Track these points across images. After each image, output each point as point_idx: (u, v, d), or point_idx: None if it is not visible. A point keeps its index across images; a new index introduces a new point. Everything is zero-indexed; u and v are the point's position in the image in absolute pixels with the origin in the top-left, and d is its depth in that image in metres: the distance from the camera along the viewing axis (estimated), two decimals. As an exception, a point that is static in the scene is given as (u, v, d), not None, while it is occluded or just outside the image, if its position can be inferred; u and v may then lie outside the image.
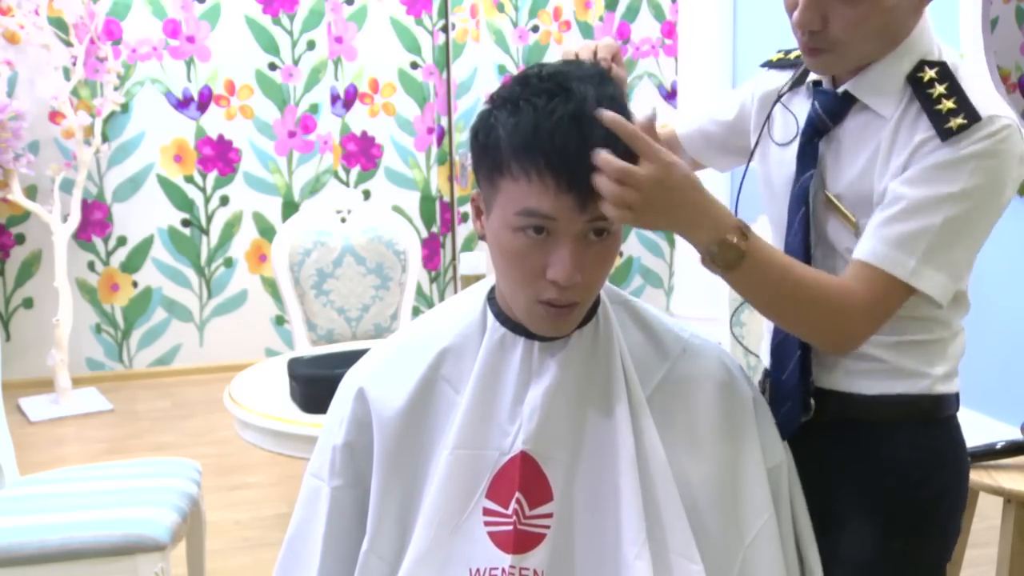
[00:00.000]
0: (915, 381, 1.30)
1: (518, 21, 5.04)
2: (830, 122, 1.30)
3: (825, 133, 1.31)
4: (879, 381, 1.30)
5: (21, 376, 4.48)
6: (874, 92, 1.26)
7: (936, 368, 1.31)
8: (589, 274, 1.10)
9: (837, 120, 1.30)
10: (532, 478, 1.15)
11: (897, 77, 1.25)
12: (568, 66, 1.13)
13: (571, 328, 1.17)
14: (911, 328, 1.28)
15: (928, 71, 1.23)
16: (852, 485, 1.33)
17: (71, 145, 4.37)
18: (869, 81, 1.26)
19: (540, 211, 1.06)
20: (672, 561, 1.14)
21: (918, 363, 1.30)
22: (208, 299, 4.83)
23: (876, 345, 1.28)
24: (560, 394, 1.16)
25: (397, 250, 3.25)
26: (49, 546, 2.07)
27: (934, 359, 1.31)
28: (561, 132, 1.04)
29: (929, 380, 1.30)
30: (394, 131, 4.94)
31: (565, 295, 1.10)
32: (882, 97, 1.25)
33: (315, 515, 1.25)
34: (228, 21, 4.64)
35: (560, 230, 1.08)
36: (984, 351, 3.65)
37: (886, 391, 1.30)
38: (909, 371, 1.30)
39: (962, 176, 1.18)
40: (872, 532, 1.31)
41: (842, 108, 1.29)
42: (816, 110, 1.32)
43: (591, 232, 1.09)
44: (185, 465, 2.46)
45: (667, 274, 5.46)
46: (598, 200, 1.06)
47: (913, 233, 1.19)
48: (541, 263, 1.09)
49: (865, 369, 1.31)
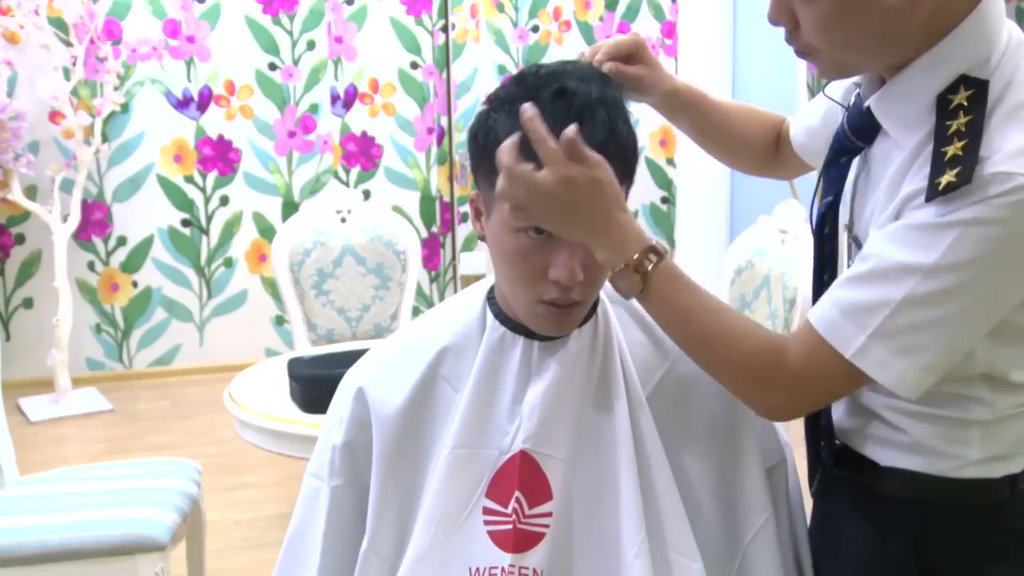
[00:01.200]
0: (936, 461, 1.08)
1: (518, 21, 5.04)
2: (858, 141, 1.09)
3: (856, 153, 1.11)
4: (895, 450, 1.11)
5: (21, 376, 4.48)
6: (895, 113, 1.03)
7: (970, 451, 1.07)
8: (591, 273, 1.10)
9: (866, 139, 1.08)
10: (531, 477, 1.15)
11: (925, 95, 0.99)
12: (565, 66, 1.13)
13: (573, 328, 1.17)
14: (939, 402, 1.06)
15: (962, 92, 0.96)
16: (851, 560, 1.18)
17: (71, 145, 4.37)
18: (891, 97, 1.03)
19: None
20: (671, 559, 1.14)
21: (945, 443, 1.07)
22: (208, 299, 4.83)
23: (898, 412, 1.09)
24: (559, 393, 1.16)
25: (397, 250, 3.25)
26: (49, 546, 2.07)
27: (969, 440, 1.07)
28: (559, 130, 1.04)
29: (956, 463, 1.07)
30: (394, 131, 4.94)
31: (567, 295, 1.10)
32: (902, 120, 1.02)
33: (315, 515, 1.25)
34: (228, 21, 4.64)
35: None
36: None
37: (899, 464, 1.10)
38: (932, 449, 1.08)
39: (939, 245, 0.93)
40: None
41: (869, 125, 1.07)
42: (843, 126, 1.11)
43: None
44: (185, 465, 2.47)
45: (667, 274, 5.45)
46: None
47: (868, 305, 0.97)
48: (542, 263, 1.09)
49: (883, 436, 1.12)
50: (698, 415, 1.21)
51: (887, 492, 1.12)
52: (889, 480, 1.12)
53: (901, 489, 1.11)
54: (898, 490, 1.11)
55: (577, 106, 1.06)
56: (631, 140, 1.10)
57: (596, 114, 1.06)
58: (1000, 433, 1.07)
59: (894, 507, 1.12)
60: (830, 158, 1.14)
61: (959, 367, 1.03)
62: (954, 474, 1.08)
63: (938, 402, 1.06)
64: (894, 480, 1.11)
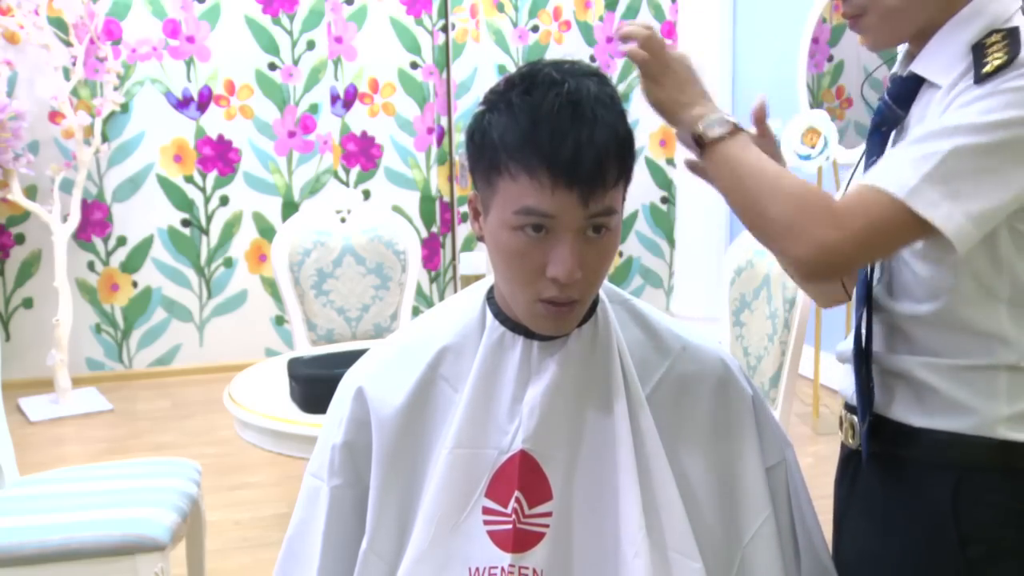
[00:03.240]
0: (966, 418, 1.12)
1: (518, 21, 5.05)
2: (898, 109, 1.18)
3: (896, 123, 1.19)
4: (927, 413, 1.15)
5: (21, 376, 4.48)
6: (935, 63, 1.14)
7: (999, 406, 1.11)
8: (590, 271, 1.10)
9: (904, 105, 1.18)
10: (531, 477, 1.15)
11: (959, 46, 1.11)
12: (561, 64, 1.13)
13: (572, 327, 1.17)
14: (968, 347, 1.12)
15: (994, 36, 1.09)
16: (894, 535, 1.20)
17: (71, 145, 4.37)
18: (930, 54, 1.15)
19: (539, 209, 1.06)
20: (671, 559, 1.14)
21: (973, 395, 1.12)
22: (208, 299, 4.83)
23: (930, 369, 1.14)
24: (559, 393, 1.16)
25: (397, 250, 3.25)
26: (49, 546, 2.07)
27: (997, 393, 1.12)
28: (556, 129, 1.04)
29: (986, 419, 1.12)
30: (394, 131, 4.94)
31: (566, 292, 1.10)
32: (941, 66, 1.13)
33: (315, 515, 1.25)
34: (228, 21, 4.64)
35: (559, 227, 1.07)
36: None
37: (933, 425, 1.15)
38: (962, 405, 1.13)
39: (989, 108, 1.03)
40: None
41: (909, 91, 1.17)
42: (884, 99, 1.20)
43: (590, 228, 1.09)
44: (185, 465, 2.46)
45: (667, 274, 5.46)
46: (598, 195, 1.06)
47: (922, 155, 1.04)
48: (541, 261, 1.09)
49: (915, 395, 1.16)
50: (698, 414, 1.21)
51: (924, 459, 1.16)
52: (923, 444, 1.15)
53: (936, 454, 1.15)
54: (933, 455, 1.15)
55: (576, 103, 1.06)
56: (629, 139, 1.10)
57: (596, 112, 1.06)
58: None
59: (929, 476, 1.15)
60: (872, 129, 1.21)
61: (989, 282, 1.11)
62: (986, 433, 1.11)
63: (966, 347, 1.12)
64: (928, 444, 1.15)
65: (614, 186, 1.08)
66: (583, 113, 1.05)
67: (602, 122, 1.06)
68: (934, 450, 1.15)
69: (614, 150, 1.07)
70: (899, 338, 1.19)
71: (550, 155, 1.04)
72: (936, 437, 1.14)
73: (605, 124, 1.06)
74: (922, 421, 1.16)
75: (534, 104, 1.05)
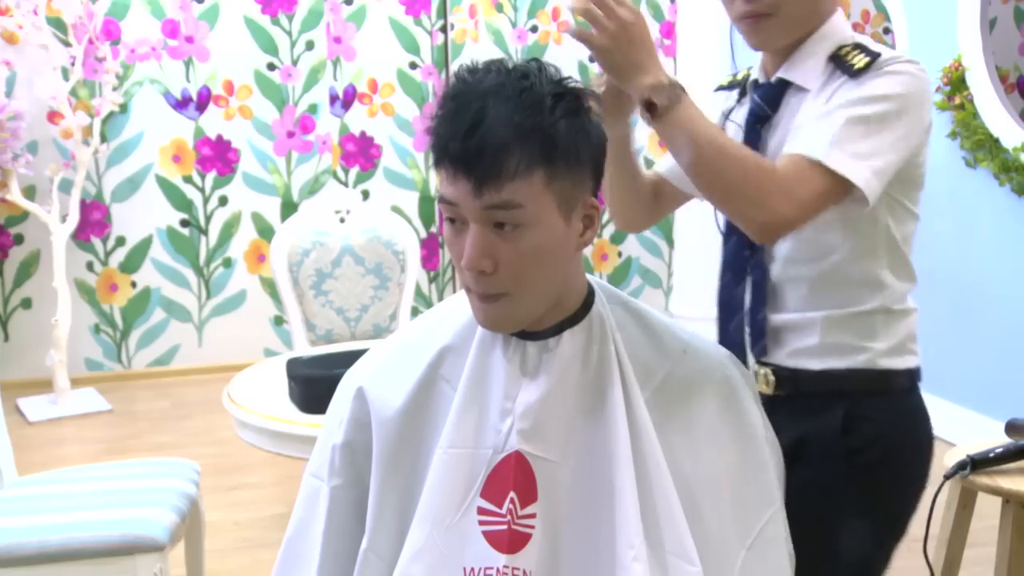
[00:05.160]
0: (854, 356, 1.37)
1: (517, 21, 5.05)
2: (768, 109, 1.40)
3: (766, 121, 1.40)
4: (820, 359, 1.38)
5: (20, 376, 4.48)
6: (800, 71, 1.37)
7: (877, 342, 1.37)
8: (506, 265, 1.10)
9: (774, 106, 1.39)
10: (525, 477, 1.15)
11: (820, 56, 1.36)
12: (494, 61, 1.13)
13: (510, 323, 1.16)
14: (847, 296, 1.36)
15: (847, 48, 1.35)
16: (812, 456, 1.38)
17: (70, 145, 4.36)
18: (796, 64, 1.38)
19: (446, 198, 1.10)
20: (670, 562, 1.13)
21: (854, 337, 1.37)
22: (207, 299, 4.83)
23: (811, 324, 1.38)
24: (553, 393, 1.16)
25: (396, 250, 3.25)
26: (48, 546, 2.07)
27: (875, 333, 1.37)
28: (454, 120, 1.08)
29: (868, 354, 1.37)
30: (393, 131, 4.94)
31: (482, 284, 1.11)
32: (807, 73, 1.37)
33: (314, 514, 1.25)
34: (227, 21, 4.64)
35: (465, 217, 1.10)
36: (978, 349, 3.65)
37: (829, 366, 1.38)
38: (847, 346, 1.37)
39: (873, 88, 1.27)
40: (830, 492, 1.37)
41: (777, 94, 1.39)
42: (755, 101, 1.42)
43: (493, 222, 1.09)
44: (184, 465, 2.46)
45: (666, 274, 5.46)
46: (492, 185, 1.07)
47: (815, 131, 1.26)
48: (459, 251, 1.12)
49: (807, 348, 1.39)
50: (700, 416, 1.21)
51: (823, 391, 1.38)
52: (822, 381, 1.38)
53: (830, 385, 1.38)
54: (828, 387, 1.38)
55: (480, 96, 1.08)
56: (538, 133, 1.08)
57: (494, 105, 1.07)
58: (899, 325, 1.38)
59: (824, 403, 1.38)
60: (748, 128, 1.41)
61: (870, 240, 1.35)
62: (869, 365, 1.37)
63: (845, 296, 1.36)
64: (825, 380, 1.38)
65: (519, 178, 1.07)
66: (480, 106, 1.07)
67: (498, 115, 1.06)
68: (829, 382, 1.38)
69: (514, 141, 1.06)
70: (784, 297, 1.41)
71: (447, 144, 1.08)
72: (831, 374, 1.38)
73: (501, 116, 1.06)
74: (819, 365, 1.38)
75: (446, 96, 1.10)
